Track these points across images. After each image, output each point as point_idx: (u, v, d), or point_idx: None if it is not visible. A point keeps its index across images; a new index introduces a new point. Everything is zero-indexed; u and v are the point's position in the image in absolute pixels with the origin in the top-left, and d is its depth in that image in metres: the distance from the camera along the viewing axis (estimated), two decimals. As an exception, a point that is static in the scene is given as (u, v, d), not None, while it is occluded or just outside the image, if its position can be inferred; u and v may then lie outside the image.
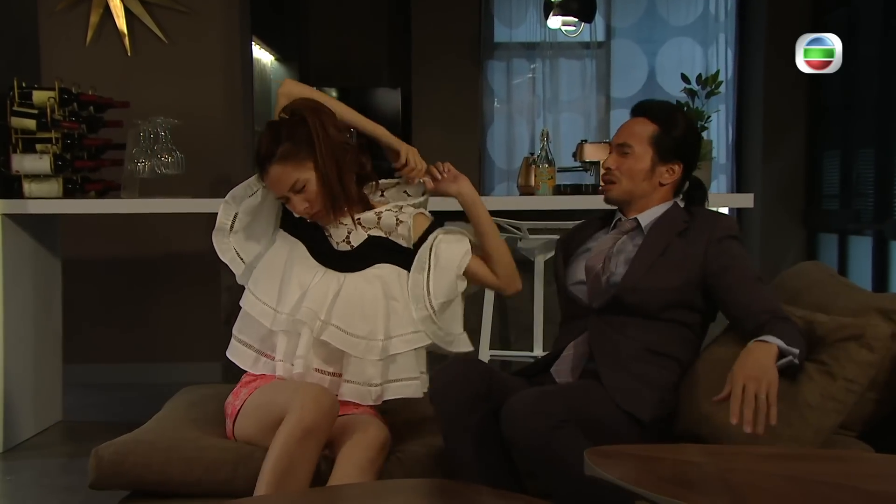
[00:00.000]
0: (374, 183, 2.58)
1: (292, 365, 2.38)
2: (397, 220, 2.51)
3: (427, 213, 2.59)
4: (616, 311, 2.40)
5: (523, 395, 2.16)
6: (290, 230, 2.53)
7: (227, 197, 2.51)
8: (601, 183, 2.59)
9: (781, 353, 2.11)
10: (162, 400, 2.82)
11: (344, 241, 2.49)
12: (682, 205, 2.54)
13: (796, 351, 2.13)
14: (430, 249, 2.49)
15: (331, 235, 2.50)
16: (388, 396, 2.40)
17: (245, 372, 2.49)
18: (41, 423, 4.22)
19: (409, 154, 2.57)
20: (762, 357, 2.08)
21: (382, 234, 2.51)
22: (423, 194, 2.61)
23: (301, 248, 2.49)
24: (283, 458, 2.16)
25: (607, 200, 2.55)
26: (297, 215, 2.48)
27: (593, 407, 2.26)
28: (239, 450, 2.32)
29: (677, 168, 2.48)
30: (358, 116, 2.59)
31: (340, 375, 2.40)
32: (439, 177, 2.55)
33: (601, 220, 2.62)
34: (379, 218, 2.51)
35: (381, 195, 2.63)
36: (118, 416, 4.42)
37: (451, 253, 2.49)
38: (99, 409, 4.68)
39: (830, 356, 2.17)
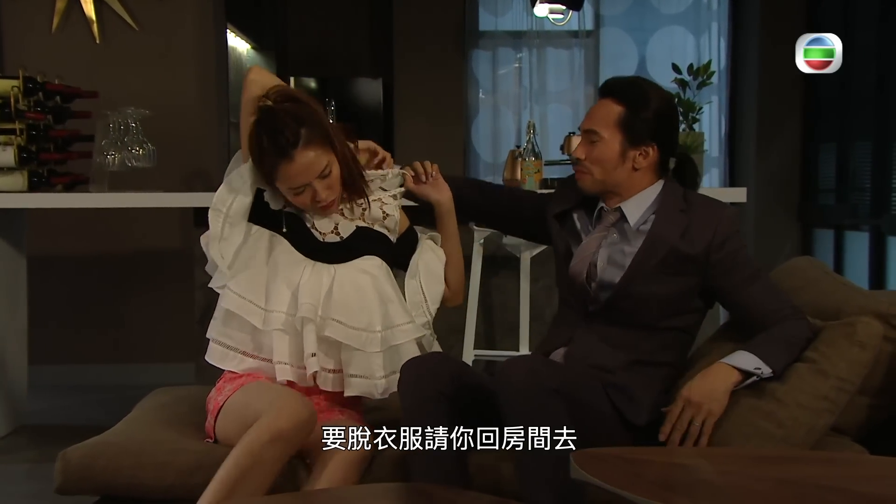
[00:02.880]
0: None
1: (293, 367, 2.30)
2: (384, 212, 2.48)
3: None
4: (607, 320, 2.31)
5: (522, 357, 2.16)
6: (264, 225, 2.43)
7: (213, 203, 2.36)
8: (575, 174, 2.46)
9: (746, 374, 2.14)
10: (132, 402, 2.77)
11: (332, 232, 2.43)
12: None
13: (765, 370, 2.14)
14: (418, 257, 2.51)
15: (314, 227, 2.42)
16: (396, 388, 2.31)
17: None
18: (5, 427, 4.16)
19: (375, 146, 2.57)
20: (716, 381, 2.13)
21: (367, 225, 2.47)
22: (400, 186, 2.55)
23: (283, 242, 2.41)
24: (246, 457, 2.08)
25: (582, 191, 2.43)
26: (301, 207, 2.39)
27: (587, 394, 2.18)
28: (213, 454, 2.23)
29: (651, 150, 2.34)
30: None
31: (341, 372, 2.33)
32: (424, 179, 2.50)
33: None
34: (364, 209, 2.47)
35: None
36: (86, 419, 4.37)
37: (436, 262, 2.53)
38: (66, 412, 4.64)
39: (821, 355, 2.16)
